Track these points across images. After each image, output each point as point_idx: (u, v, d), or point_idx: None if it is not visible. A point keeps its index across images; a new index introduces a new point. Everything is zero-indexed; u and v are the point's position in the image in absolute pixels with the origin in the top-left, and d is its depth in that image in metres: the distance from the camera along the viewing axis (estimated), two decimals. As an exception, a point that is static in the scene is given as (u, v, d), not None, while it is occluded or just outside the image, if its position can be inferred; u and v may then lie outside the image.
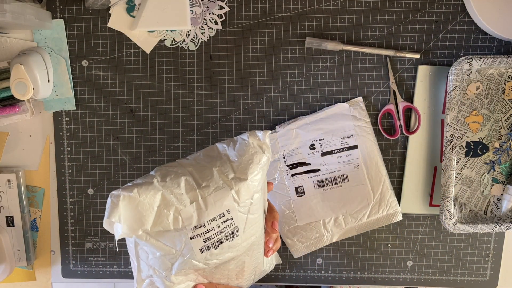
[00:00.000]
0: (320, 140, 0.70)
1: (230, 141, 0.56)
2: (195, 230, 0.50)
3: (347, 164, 0.70)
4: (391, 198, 0.71)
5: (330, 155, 0.70)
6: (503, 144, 0.70)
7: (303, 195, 0.71)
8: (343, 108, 0.70)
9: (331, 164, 0.71)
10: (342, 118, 0.70)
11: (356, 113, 0.70)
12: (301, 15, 0.68)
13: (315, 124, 0.70)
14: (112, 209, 0.48)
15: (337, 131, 0.70)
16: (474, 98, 0.69)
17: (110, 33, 0.68)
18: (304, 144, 0.70)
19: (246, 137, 0.54)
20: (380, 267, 0.75)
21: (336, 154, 0.70)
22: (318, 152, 0.70)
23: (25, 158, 0.72)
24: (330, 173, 0.71)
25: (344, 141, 0.70)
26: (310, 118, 0.70)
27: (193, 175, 0.52)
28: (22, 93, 0.62)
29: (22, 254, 0.72)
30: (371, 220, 0.72)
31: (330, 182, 0.71)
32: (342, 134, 0.70)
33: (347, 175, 0.71)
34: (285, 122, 0.70)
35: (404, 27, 0.69)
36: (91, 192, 0.73)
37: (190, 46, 0.69)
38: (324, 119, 0.70)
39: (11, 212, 0.71)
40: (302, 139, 0.70)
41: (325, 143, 0.70)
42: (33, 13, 0.62)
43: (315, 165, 0.71)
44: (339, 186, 0.71)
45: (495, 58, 0.65)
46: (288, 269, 0.75)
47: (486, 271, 0.75)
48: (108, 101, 0.70)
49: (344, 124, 0.70)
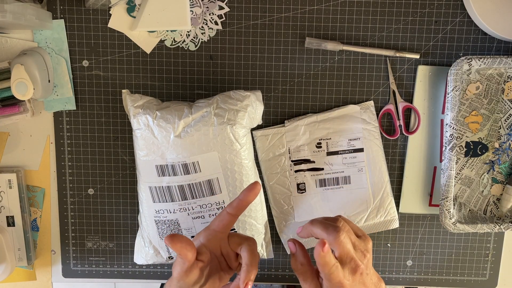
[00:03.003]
0: (327, 140, 0.70)
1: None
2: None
3: (351, 166, 0.71)
4: (390, 204, 0.72)
5: (336, 155, 0.70)
6: (503, 144, 0.70)
7: (304, 192, 0.71)
8: (354, 110, 0.70)
9: (335, 165, 0.71)
10: (352, 120, 0.70)
11: (366, 116, 0.70)
12: (301, 15, 0.68)
13: (324, 122, 0.70)
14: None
15: (345, 132, 0.70)
16: (474, 98, 0.69)
17: (110, 33, 0.68)
18: (310, 142, 0.70)
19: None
20: (379, 266, 0.75)
21: (342, 155, 0.70)
22: (323, 151, 0.70)
23: (25, 158, 0.72)
24: (333, 173, 0.71)
25: (350, 143, 0.70)
26: (320, 116, 0.70)
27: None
28: (22, 93, 0.62)
29: (22, 254, 0.72)
30: (368, 224, 0.72)
31: (332, 182, 0.71)
32: (350, 136, 0.70)
33: (349, 177, 0.71)
34: (294, 118, 0.70)
35: (404, 27, 0.69)
36: (92, 192, 0.73)
37: (190, 46, 0.69)
38: (334, 118, 0.70)
39: (12, 212, 0.71)
40: (310, 136, 0.70)
41: (332, 142, 0.70)
42: (34, 13, 0.62)
43: (319, 163, 0.71)
44: (341, 187, 0.71)
45: (495, 58, 0.65)
46: (288, 269, 0.75)
47: (486, 271, 0.75)
48: (108, 101, 0.70)
49: (353, 126, 0.70)
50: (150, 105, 0.62)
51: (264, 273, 0.75)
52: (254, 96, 0.62)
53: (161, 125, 0.60)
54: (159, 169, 0.61)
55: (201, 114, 0.60)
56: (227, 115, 0.60)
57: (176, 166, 0.61)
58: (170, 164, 0.61)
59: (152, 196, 0.63)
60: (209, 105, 0.61)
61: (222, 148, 0.60)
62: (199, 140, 0.60)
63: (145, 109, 0.61)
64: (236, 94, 0.62)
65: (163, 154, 0.61)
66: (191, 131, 0.60)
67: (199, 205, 0.63)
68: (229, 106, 0.61)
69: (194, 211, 0.64)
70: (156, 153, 0.61)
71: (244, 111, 0.61)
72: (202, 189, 0.62)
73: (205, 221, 0.64)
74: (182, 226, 0.65)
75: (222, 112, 0.60)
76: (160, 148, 0.60)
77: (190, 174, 0.61)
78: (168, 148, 0.60)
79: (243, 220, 0.65)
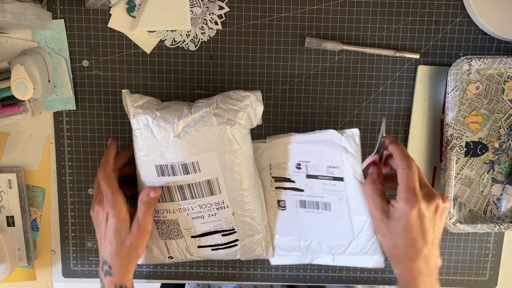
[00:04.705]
0: (307, 162, 0.65)
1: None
2: None
3: (331, 193, 0.65)
4: (373, 245, 0.66)
5: (315, 179, 0.65)
6: (503, 144, 0.70)
7: (284, 209, 0.69)
8: (335, 136, 0.63)
9: (315, 189, 0.66)
10: (331, 146, 0.63)
11: (347, 145, 0.62)
12: (301, 15, 0.68)
13: (304, 144, 0.65)
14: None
15: (323, 158, 0.64)
16: (474, 98, 0.69)
17: (110, 33, 0.68)
18: (290, 161, 0.66)
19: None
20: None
21: (321, 180, 0.65)
22: (303, 173, 0.66)
23: (25, 158, 0.72)
24: (314, 197, 0.66)
25: (330, 170, 0.64)
26: (300, 137, 0.65)
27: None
28: (22, 93, 0.62)
29: (22, 254, 0.72)
30: (349, 257, 0.68)
31: (312, 205, 0.67)
32: (329, 163, 0.64)
33: (330, 204, 0.66)
34: (276, 135, 0.67)
35: (403, 27, 0.69)
36: (92, 192, 0.73)
37: (190, 46, 0.69)
38: (314, 142, 0.64)
39: (12, 212, 0.71)
40: (290, 155, 0.66)
41: (311, 166, 0.65)
42: (34, 13, 0.62)
43: (299, 184, 0.66)
44: (321, 212, 0.67)
45: (495, 58, 0.65)
46: (288, 268, 0.75)
47: (486, 271, 0.75)
48: (108, 101, 0.70)
49: (332, 152, 0.63)
50: (150, 105, 0.62)
51: (264, 273, 0.75)
52: (254, 96, 0.62)
53: (160, 125, 0.60)
54: (158, 169, 0.61)
55: (201, 114, 0.60)
56: (226, 115, 0.60)
57: (175, 166, 0.61)
58: (170, 164, 0.61)
59: None
60: (208, 105, 0.61)
61: (221, 148, 0.60)
62: (198, 140, 0.60)
63: (144, 109, 0.61)
64: (236, 94, 0.62)
65: (163, 154, 0.61)
66: (191, 131, 0.60)
67: (198, 205, 0.63)
68: (228, 106, 0.61)
69: (193, 211, 0.64)
70: (156, 153, 0.61)
71: (244, 111, 0.61)
72: (202, 189, 0.62)
73: (204, 221, 0.64)
74: (182, 226, 0.65)
75: (222, 112, 0.60)
76: (159, 148, 0.60)
77: (190, 174, 0.61)
78: (167, 148, 0.60)
79: (243, 220, 0.65)
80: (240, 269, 0.75)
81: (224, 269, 0.76)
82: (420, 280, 0.55)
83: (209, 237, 0.66)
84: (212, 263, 0.75)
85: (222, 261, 0.75)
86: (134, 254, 0.61)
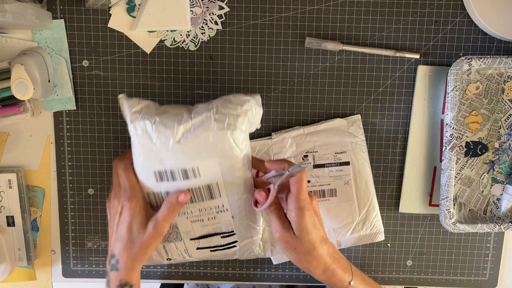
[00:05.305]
0: (314, 152, 0.70)
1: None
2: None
3: (337, 179, 0.71)
4: (375, 218, 0.72)
5: (322, 168, 0.71)
6: (503, 144, 0.70)
7: None
8: (340, 123, 0.70)
9: (322, 178, 0.71)
10: (338, 133, 0.70)
11: (352, 130, 0.70)
12: (301, 15, 0.68)
13: (311, 135, 0.70)
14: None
15: (331, 145, 0.70)
16: (474, 98, 0.69)
17: (110, 33, 0.68)
18: (297, 154, 0.70)
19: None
20: (379, 266, 0.75)
21: (328, 168, 0.71)
22: (310, 163, 0.71)
23: (25, 158, 0.72)
24: (320, 186, 0.71)
25: (337, 156, 0.70)
26: (306, 129, 0.70)
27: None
28: (22, 93, 0.62)
29: (22, 253, 0.72)
30: (353, 236, 0.72)
31: (319, 194, 0.71)
32: (336, 149, 0.70)
33: (336, 189, 0.71)
34: (281, 130, 0.70)
35: (403, 27, 0.69)
36: (92, 192, 0.73)
37: (190, 46, 0.69)
38: (320, 132, 0.70)
39: (12, 212, 0.71)
40: (296, 149, 0.70)
41: (318, 155, 0.70)
42: (34, 13, 0.62)
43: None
44: (327, 199, 0.71)
45: (495, 58, 0.65)
46: (288, 268, 0.75)
47: (486, 271, 0.75)
48: (108, 101, 0.70)
49: (340, 139, 0.70)
50: (149, 110, 0.61)
51: (263, 273, 0.76)
52: (254, 100, 0.62)
53: (160, 130, 0.59)
54: (157, 175, 0.60)
55: (201, 119, 0.60)
56: (227, 120, 0.59)
57: (175, 171, 0.60)
58: (169, 170, 0.60)
59: (150, 201, 0.63)
60: (208, 109, 0.60)
61: (222, 153, 0.60)
62: (199, 146, 0.59)
63: (143, 115, 0.60)
64: (236, 99, 0.61)
65: (162, 160, 0.60)
66: (191, 137, 0.59)
67: (198, 209, 0.63)
68: (229, 111, 0.60)
69: (193, 214, 0.63)
70: (155, 159, 0.60)
71: (244, 116, 0.60)
72: (202, 194, 0.62)
73: (204, 224, 0.64)
74: (181, 229, 0.64)
75: (222, 117, 0.59)
76: (158, 154, 0.59)
77: (190, 179, 0.61)
78: (167, 154, 0.59)
79: (242, 223, 0.64)
80: (239, 269, 0.76)
81: (223, 269, 0.76)
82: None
83: (208, 239, 0.65)
84: (211, 263, 0.75)
85: (221, 261, 0.75)
86: (142, 253, 0.60)
